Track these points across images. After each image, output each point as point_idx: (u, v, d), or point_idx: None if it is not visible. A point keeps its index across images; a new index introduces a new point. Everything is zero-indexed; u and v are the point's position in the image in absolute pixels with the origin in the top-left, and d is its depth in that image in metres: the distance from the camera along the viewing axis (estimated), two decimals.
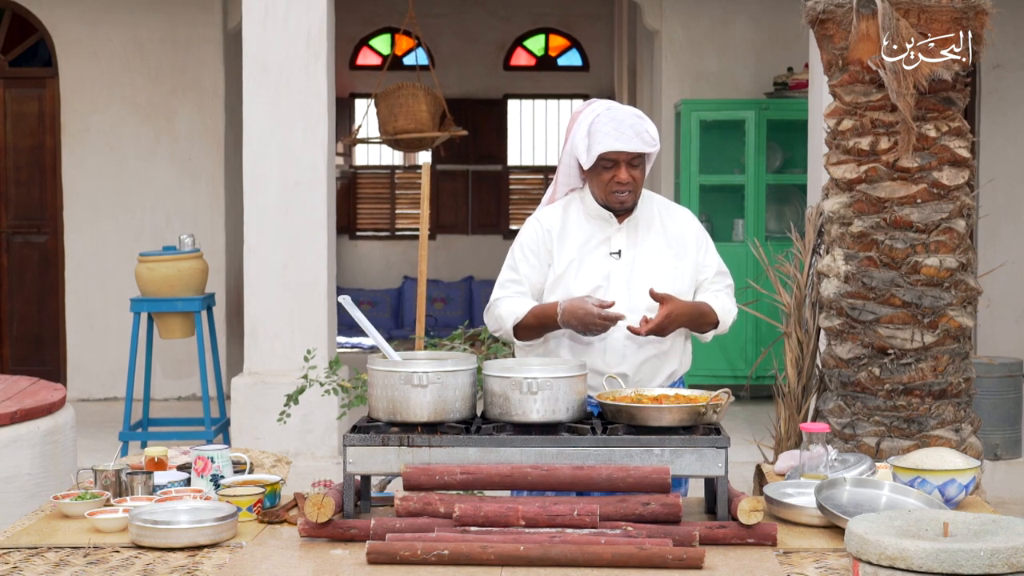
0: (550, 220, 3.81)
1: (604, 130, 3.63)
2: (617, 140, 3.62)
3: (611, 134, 3.62)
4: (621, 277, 3.73)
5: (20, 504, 4.58)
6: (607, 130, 3.63)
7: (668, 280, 3.73)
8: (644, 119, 3.69)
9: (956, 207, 4.76)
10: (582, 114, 3.72)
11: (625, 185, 3.67)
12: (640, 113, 3.70)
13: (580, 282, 3.72)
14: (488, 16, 13.76)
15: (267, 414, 6.86)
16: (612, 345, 3.71)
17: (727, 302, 3.82)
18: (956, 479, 3.29)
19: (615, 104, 3.74)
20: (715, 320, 3.79)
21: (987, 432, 6.50)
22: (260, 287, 7.15)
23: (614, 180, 3.67)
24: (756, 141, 8.99)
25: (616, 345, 3.71)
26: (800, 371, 5.28)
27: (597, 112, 3.68)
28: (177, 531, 3.01)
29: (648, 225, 3.79)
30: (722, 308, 3.79)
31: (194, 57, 9.52)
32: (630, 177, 3.66)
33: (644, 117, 3.70)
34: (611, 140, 3.62)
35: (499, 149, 14.01)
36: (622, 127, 3.62)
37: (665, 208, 3.85)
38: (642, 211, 3.78)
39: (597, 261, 3.74)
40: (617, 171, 3.66)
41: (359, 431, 3.19)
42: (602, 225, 3.77)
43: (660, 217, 3.81)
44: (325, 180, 7.15)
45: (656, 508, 2.99)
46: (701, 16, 9.42)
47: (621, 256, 3.74)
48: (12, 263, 9.79)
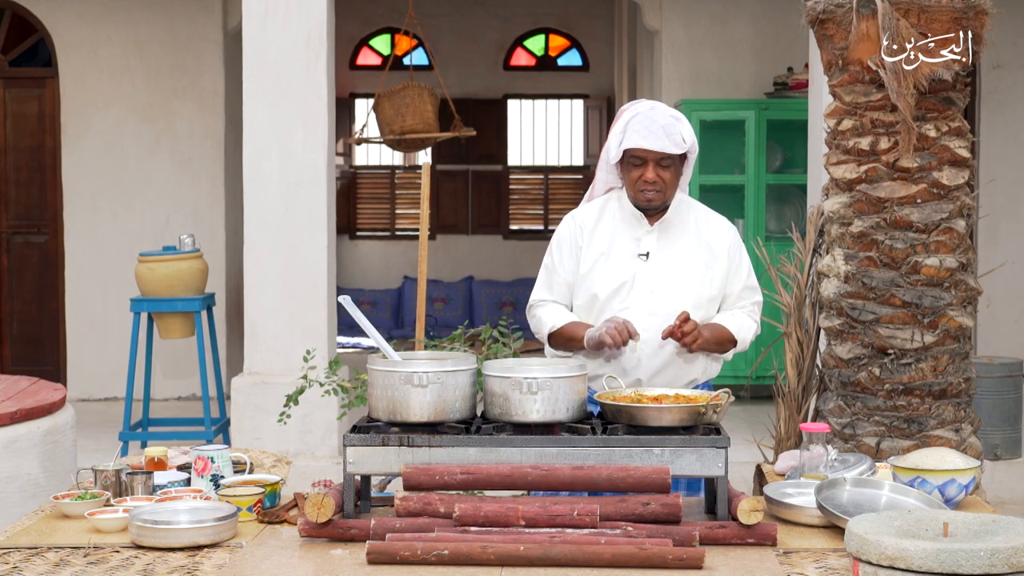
0: (584, 216, 3.85)
1: (636, 127, 3.67)
2: (645, 138, 3.65)
3: (641, 131, 3.66)
4: (646, 279, 3.74)
5: (20, 504, 4.58)
6: (638, 127, 3.66)
7: (694, 287, 3.74)
8: (681, 121, 3.71)
9: (956, 207, 4.76)
10: (624, 112, 3.77)
11: (651, 184, 3.69)
12: (679, 115, 3.73)
13: (605, 280, 3.75)
14: (488, 16, 13.75)
15: (267, 414, 6.86)
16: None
17: (746, 320, 3.80)
18: (956, 479, 3.29)
19: (659, 105, 3.76)
20: (733, 340, 3.78)
21: (987, 432, 6.50)
22: (260, 287, 7.15)
23: (642, 178, 3.69)
24: (756, 141, 8.99)
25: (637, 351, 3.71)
26: (800, 371, 5.28)
27: (638, 111, 3.72)
28: (177, 531, 3.01)
29: (681, 229, 3.79)
30: (739, 328, 3.78)
31: (194, 57, 9.52)
32: (657, 176, 3.68)
33: (681, 119, 3.72)
34: (639, 137, 3.65)
35: (499, 149, 14.01)
36: (653, 126, 3.65)
37: (703, 215, 3.86)
38: (676, 214, 3.79)
39: (624, 261, 3.76)
40: (645, 169, 3.69)
41: (359, 431, 3.19)
42: (634, 225, 3.78)
43: (696, 223, 3.81)
44: (325, 180, 7.15)
45: (656, 508, 2.99)
46: (701, 16, 9.42)
47: (649, 258, 3.75)
48: (12, 263, 9.79)
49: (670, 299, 3.70)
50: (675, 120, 3.69)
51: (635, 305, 3.72)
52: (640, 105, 3.76)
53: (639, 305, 3.72)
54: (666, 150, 3.65)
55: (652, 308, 3.70)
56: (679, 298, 3.72)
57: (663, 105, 3.78)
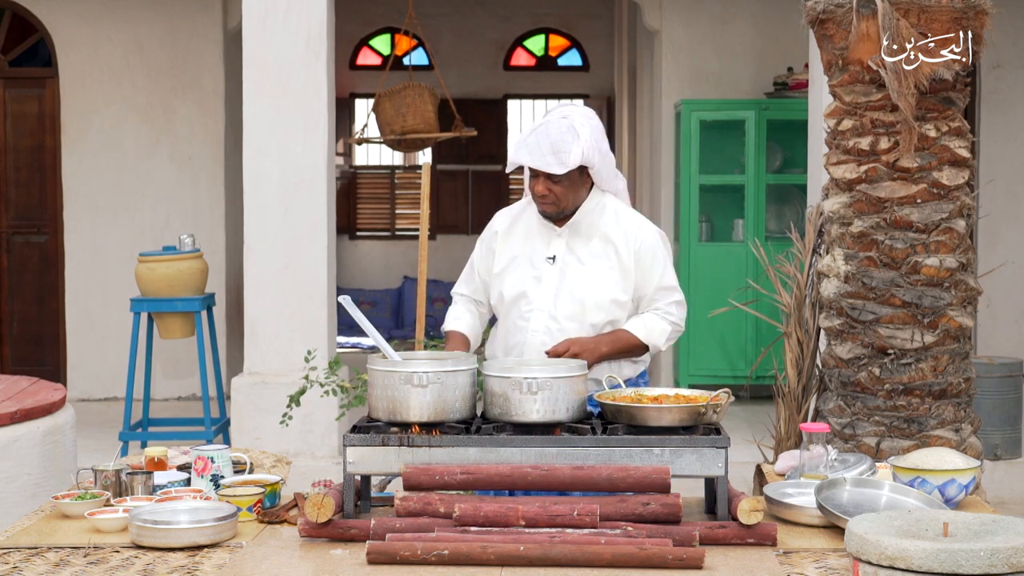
0: (502, 219, 3.93)
1: (528, 141, 3.67)
2: (530, 155, 3.66)
3: (528, 146, 3.66)
4: (551, 282, 3.76)
5: (20, 504, 4.57)
6: (528, 142, 3.67)
7: (597, 290, 3.73)
8: (576, 141, 3.63)
9: (956, 207, 4.76)
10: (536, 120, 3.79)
11: (542, 197, 3.71)
12: (577, 132, 3.65)
13: (513, 282, 3.80)
14: (488, 16, 13.75)
15: (267, 414, 6.86)
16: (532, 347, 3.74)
17: (657, 323, 3.77)
18: (956, 479, 3.29)
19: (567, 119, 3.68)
20: (643, 345, 3.76)
21: (987, 432, 6.50)
22: (260, 287, 7.15)
23: (535, 190, 3.73)
24: (756, 141, 8.98)
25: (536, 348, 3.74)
26: (800, 371, 5.28)
27: (543, 122, 3.71)
28: (177, 531, 3.01)
29: (589, 233, 3.78)
30: (648, 333, 3.75)
31: (194, 57, 9.51)
32: (547, 190, 3.69)
33: (578, 137, 3.64)
34: (524, 153, 3.67)
35: (499, 149, 14.00)
36: (542, 143, 3.64)
37: (617, 217, 3.81)
38: (587, 218, 3.78)
39: (533, 264, 3.80)
40: (536, 182, 3.72)
41: (359, 431, 3.19)
42: (546, 229, 3.82)
43: (606, 226, 3.78)
44: (325, 180, 7.15)
45: (656, 508, 2.99)
46: (701, 16, 9.42)
47: (555, 261, 3.77)
48: (12, 263, 9.79)
49: (573, 302, 3.72)
50: (570, 139, 3.63)
51: (539, 308, 3.75)
52: (551, 115, 3.74)
53: (542, 308, 3.75)
54: (544, 169, 3.65)
55: (554, 312, 3.73)
56: (582, 301, 3.73)
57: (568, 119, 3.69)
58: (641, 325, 3.77)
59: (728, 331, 8.90)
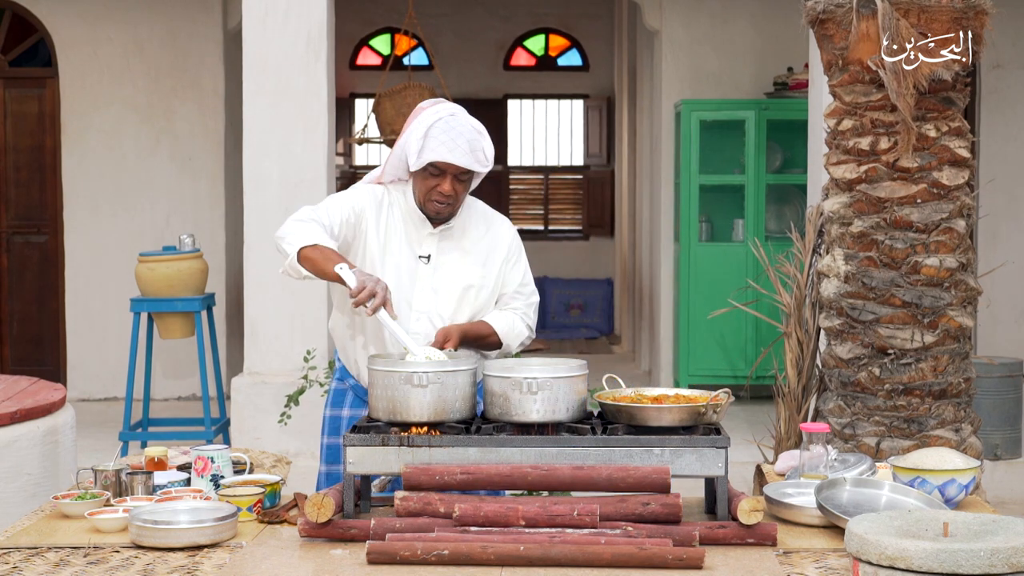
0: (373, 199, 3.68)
1: (440, 138, 3.53)
2: (451, 152, 3.52)
3: (446, 144, 3.52)
4: (427, 281, 3.67)
5: (20, 504, 4.57)
6: (443, 139, 3.53)
7: (473, 289, 3.69)
8: (484, 136, 3.59)
9: (956, 207, 4.76)
10: (424, 112, 3.61)
11: (446, 197, 3.59)
12: (481, 129, 3.60)
13: (386, 277, 3.60)
14: (488, 16, 13.75)
15: (267, 414, 6.86)
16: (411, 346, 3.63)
17: (517, 324, 3.73)
18: (956, 479, 3.29)
19: (461, 112, 3.62)
20: (497, 341, 3.71)
21: (987, 432, 6.50)
22: (260, 287, 7.15)
23: (436, 189, 3.58)
24: (756, 141, 8.98)
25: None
26: (800, 371, 5.28)
27: (440, 116, 3.57)
28: (177, 531, 3.01)
29: (461, 233, 3.72)
30: (508, 331, 3.70)
31: (194, 57, 9.51)
32: (453, 190, 3.58)
33: (484, 134, 3.60)
34: (444, 151, 3.52)
35: (499, 149, 13.95)
36: (459, 140, 3.53)
37: (482, 217, 3.77)
38: (458, 219, 3.71)
39: (405, 261, 3.67)
40: (442, 181, 3.57)
41: (359, 431, 3.19)
42: (417, 225, 3.69)
43: (476, 226, 3.74)
44: (325, 180, 7.15)
45: (656, 508, 2.99)
46: (701, 16, 9.42)
47: (430, 261, 3.68)
48: (12, 263, 9.79)
49: (451, 301, 3.66)
50: (479, 135, 3.57)
51: (417, 307, 3.66)
52: (441, 109, 3.61)
53: (421, 306, 3.66)
54: (470, 167, 3.55)
55: (437, 309, 3.66)
56: (459, 300, 3.68)
57: (464, 112, 3.63)
58: (505, 323, 3.71)
59: (728, 331, 8.90)
